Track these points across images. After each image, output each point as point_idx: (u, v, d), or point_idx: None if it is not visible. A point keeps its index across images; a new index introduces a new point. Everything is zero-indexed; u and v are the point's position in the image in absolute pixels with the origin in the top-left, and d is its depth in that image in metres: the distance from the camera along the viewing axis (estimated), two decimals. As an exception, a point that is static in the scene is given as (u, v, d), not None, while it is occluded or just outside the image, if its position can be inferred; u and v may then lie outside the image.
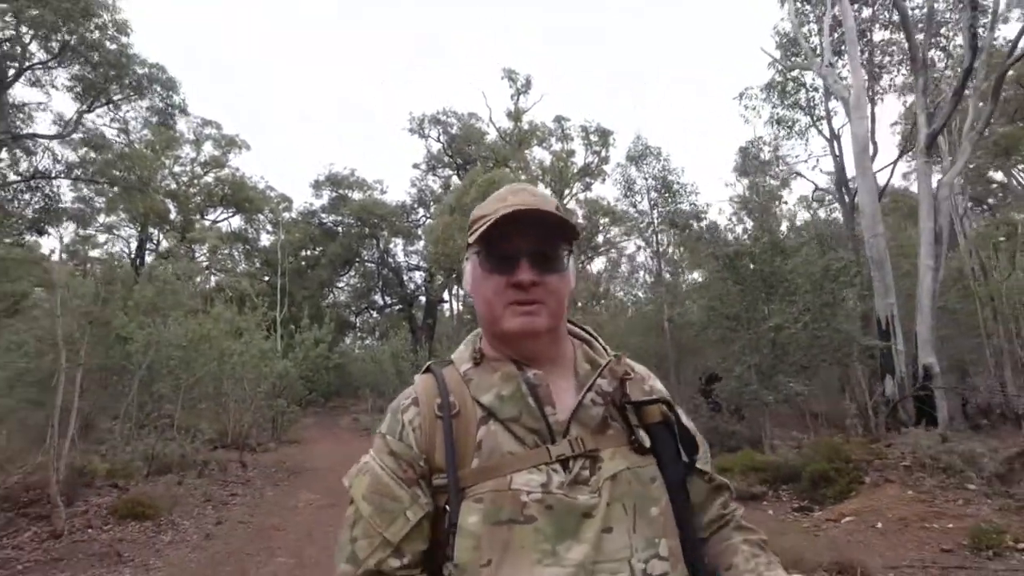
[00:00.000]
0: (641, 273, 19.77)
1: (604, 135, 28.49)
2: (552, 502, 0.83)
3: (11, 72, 7.96)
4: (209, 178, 28.73)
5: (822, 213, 23.21)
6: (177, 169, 26.98)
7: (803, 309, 8.41)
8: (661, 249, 16.77)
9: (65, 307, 6.21)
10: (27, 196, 8.44)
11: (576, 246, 1.00)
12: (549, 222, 0.92)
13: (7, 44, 5.97)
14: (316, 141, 57.91)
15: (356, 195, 32.40)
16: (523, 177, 28.53)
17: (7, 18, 6.49)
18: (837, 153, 13.42)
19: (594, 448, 0.87)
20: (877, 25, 14.04)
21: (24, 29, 6.07)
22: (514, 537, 0.81)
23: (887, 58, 14.08)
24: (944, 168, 11.63)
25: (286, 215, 32.16)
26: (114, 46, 8.58)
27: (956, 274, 13.05)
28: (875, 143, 12.99)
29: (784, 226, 23.28)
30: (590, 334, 1.06)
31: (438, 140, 32.25)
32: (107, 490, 7.07)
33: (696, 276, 14.79)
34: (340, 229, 31.71)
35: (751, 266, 9.04)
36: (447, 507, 0.87)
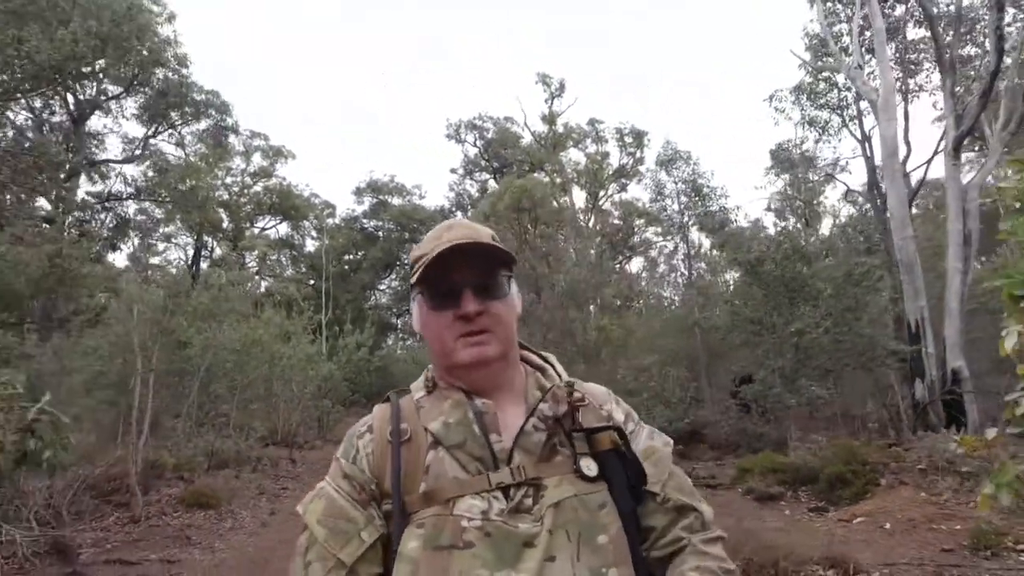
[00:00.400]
0: (674, 275, 19.85)
1: (638, 136, 28.56)
2: (491, 529, 0.82)
3: (86, 100, 8.98)
4: (258, 187, 30.16)
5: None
6: (228, 180, 28.49)
7: (825, 314, 8.55)
8: (693, 251, 16.87)
9: (140, 318, 7.01)
10: (102, 216, 9.42)
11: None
12: (486, 253, 0.94)
13: (88, 82, 6.83)
14: (319, 144, 59.41)
15: (396, 201, 33.43)
16: (558, 180, 28.90)
17: (97, 68, 7.42)
18: (868, 154, 13.31)
19: (536, 476, 0.87)
20: (912, 22, 13.82)
21: (102, 75, 6.93)
22: (453, 563, 0.80)
23: (922, 55, 13.84)
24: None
25: (329, 221, 33.48)
26: (176, 77, 9.47)
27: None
28: (908, 143, 12.83)
29: (827, 223, 22.96)
30: (546, 360, 1.06)
31: (474, 145, 32.89)
32: (175, 481, 7.88)
33: (728, 278, 14.87)
34: (381, 234, 32.78)
35: (774, 272, 9.21)
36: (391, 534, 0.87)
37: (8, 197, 6.54)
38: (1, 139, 7.30)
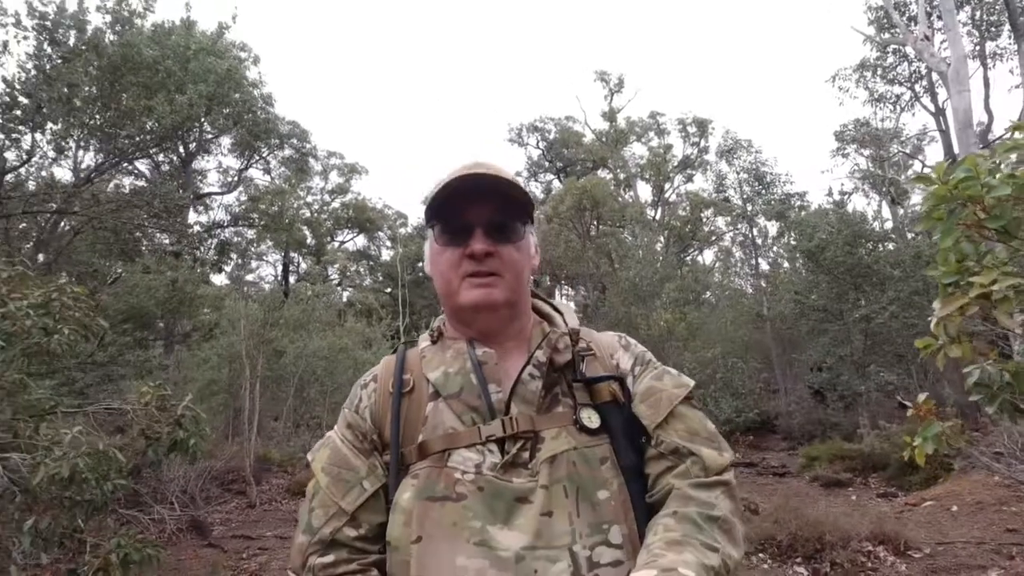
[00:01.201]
0: (744, 265, 19.48)
1: (702, 125, 28.00)
2: (483, 483, 0.81)
3: (192, 145, 10.38)
4: (336, 204, 32.15)
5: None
6: (309, 199, 30.62)
7: (892, 298, 8.41)
8: (760, 240, 16.56)
9: (245, 332, 8.09)
10: (208, 242, 10.80)
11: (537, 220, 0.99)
12: (503, 193, 0.90)
13: (195, 131, 8.08)
14: (387, 152, 61.16)
15: (463, 207, 34.54)
16: (621, 176, 28.86)
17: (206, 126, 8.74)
18: (944, 127, 12.62)
19: (529, 428, 0.84)
20: (989, -18, 12.98)
21: (206, 124, 8.16)
22: (445, 514, 0.79)
23: (1001, 16, 12.96)
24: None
25: (402, 230, 35.09)
26: (262, 115, 10.66)
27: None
28: (989, 111, 12.07)
29: (917, 199, 21.65)
30: (555, 308, 1.03)
31: (537, 146, 33.39)
32: (280, 474, 8.95)
33: (795, 266, 14.52)
34: (451, 240, 33.96)
35: (837, 258, 9.12)
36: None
37: (140, 236, 7.82)
38: (131, 186, 8.77)
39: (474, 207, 0.90)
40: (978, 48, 12.91)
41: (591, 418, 0.86)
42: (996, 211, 1.67)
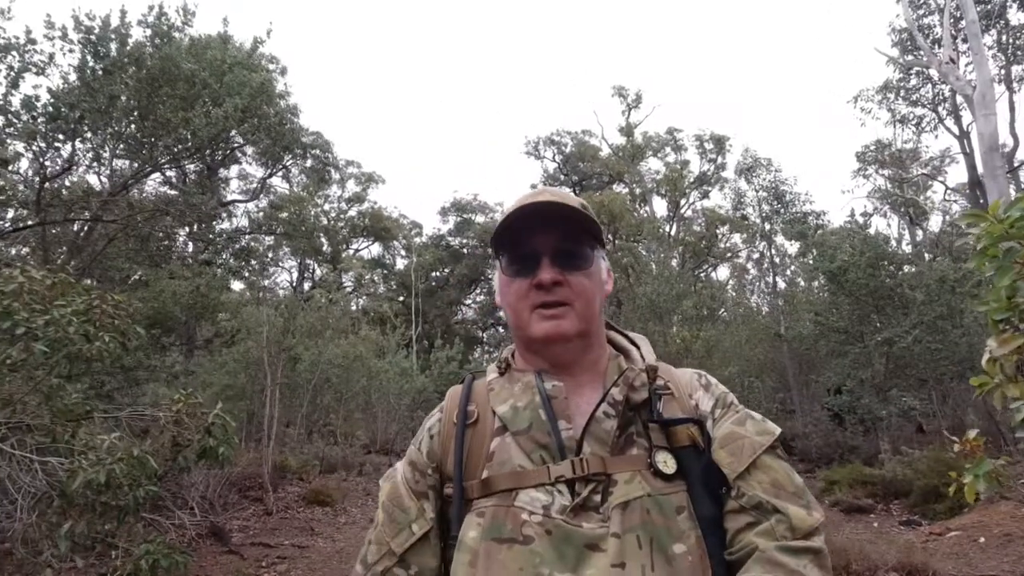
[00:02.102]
0: (761, 282, 19.35)
1: (719, 142, 28.00)
2: (551, 527, 0.77)
3: (219, 156, 10.58)
4: (352, 212, 32.46)
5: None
6: (327, 207, 30.95)
7: (916, 322, 8.33)
8: (778, 259, 16.48)
9: (267, 339, 8.18)
10: (229, 249, 10.97)
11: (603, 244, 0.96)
12: (570, 219, 0.88)
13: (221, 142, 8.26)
14: (404, 164, 61.67)
15: (479, 218, 34.75)
16: (637, 191, 28.89)
17: (237, 138, 8.94)
18: (968, 151, 12.54)
19: (601, 470, 0.80)
20: (1015, 5, 12.94)
21: (234, 134, 8.37)
22: (512, 558, 0.76)
23: (1028, 41, 12.90)
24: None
25: (417, 240, 35.34)
26: (288, 126, 10.83)
27: None
28: (1015, 135, 11.97)
29: (936, 220, 21.47)
30: (632, 342, 0.99)
31: (553, 160, 33.56)
32: (296, 481, 8.99)
33: (814, 286, 14.43)
34: (465, 251, 34.18)
35: (859, 280, 9.05)
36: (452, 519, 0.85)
37: (169, 243, 7.98)
38: (156, 193, 8.98)
39: (540, 236, 0.88)
40: (1003, 72, 12.84)
41: (667, 463, 0.81)
42: (1053, 251, 1.67)
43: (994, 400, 1.89)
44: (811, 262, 12.28)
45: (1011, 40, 12.78)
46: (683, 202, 28.74)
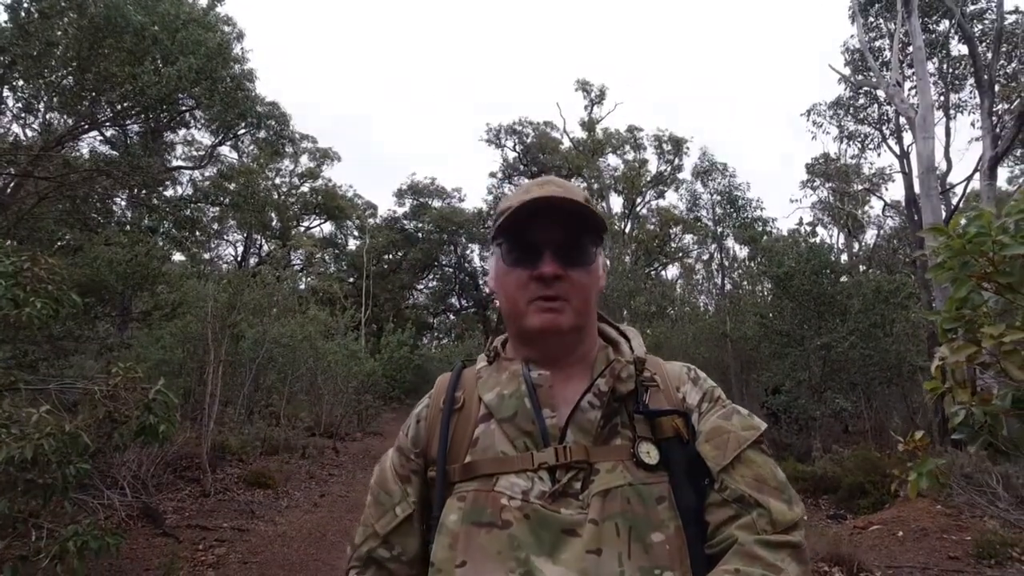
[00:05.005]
0: (709, 283, 19.98)
1: (677, 143, 28.61)
2: (529, 511, 0.78)
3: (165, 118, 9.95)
4: (305, 188, 31.45)
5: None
6: (279, 181, 29.85)
7: (852, 329, 8.77)
8: (727, 261, 17.04)
9: (212, 314, 7.82)
10: (171, 218, 10.38)
11: (605, 239, 0.96)
12: (575, 214, 0.88)
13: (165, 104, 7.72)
14: (360, 143, 60.54)
15: (436, 203, 34.31)
16: (595, 186, 29.21)
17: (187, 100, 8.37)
18: (907, 170, 13.32)
19: (584, 459, 0.81)
20: (955, 38, 13.73)
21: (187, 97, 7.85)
22: (491, 541, 0.77)
23: (967, 69, 13.74)
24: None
25: (371, 221, 34.61)
26: (244, 93, 10.32)
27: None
28: (949, 159, 12.79)
29: (871, 233, 22.71)
30: (622, 335, 0.99)
31: (514, 149, 33.47)
32: (235, 463, 8.67)
33: (761, 289, 15.03)
34: (420, 235, 33.74)
35: (803, 286, 9.45)
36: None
37: (104, 205, 7.44)
38: (92, 152, 8.35)
39: (544, 228, 0.88)
40: (943, 99, 13.64)
41: (650, 453, 0.82)
42: (1005, 267, 1.77)
43: (945, 404, 1.99)
44: (755, 267, 12.71)
45: (951, 70, 13.58)
46: (639, 200, 29.29)
